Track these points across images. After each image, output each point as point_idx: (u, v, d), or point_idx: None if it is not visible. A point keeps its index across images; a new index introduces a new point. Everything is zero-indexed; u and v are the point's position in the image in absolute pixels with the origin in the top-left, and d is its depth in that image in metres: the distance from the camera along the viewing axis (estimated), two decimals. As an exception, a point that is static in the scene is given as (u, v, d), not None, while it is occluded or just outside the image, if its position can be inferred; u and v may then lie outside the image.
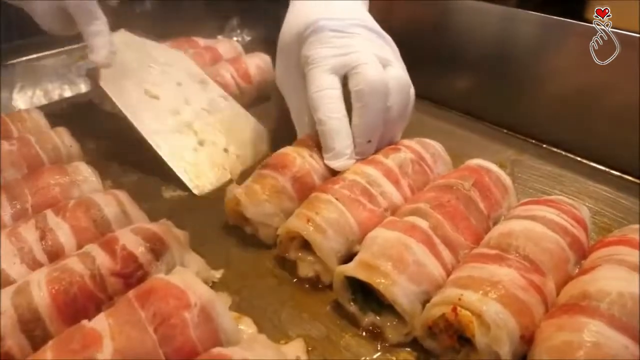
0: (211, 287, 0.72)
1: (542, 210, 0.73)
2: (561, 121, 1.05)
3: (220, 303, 0.61)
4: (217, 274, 0.76)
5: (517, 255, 0.66)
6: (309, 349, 0.66)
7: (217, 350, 0.55)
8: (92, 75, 1.17)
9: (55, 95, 1.29)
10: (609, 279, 0.61)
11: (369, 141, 0.85)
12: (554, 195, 0.84)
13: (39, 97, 1.28)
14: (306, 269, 0.74)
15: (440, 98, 1.20)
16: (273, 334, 0.67)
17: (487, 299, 0.60)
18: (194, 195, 0.93)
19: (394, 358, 0.65)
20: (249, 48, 1.36)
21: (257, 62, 1.17)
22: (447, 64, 1.19)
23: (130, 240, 0.68)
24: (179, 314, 0.57)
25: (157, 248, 0.69)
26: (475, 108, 1.16)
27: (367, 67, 0.82)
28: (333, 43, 0.85)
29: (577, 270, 0.69)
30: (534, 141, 1.08)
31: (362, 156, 0.84)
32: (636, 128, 0.93)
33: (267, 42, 1.43)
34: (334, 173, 0.84)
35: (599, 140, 1.00)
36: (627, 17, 0.93)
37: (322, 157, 0.85)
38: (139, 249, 0.67)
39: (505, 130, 1.12)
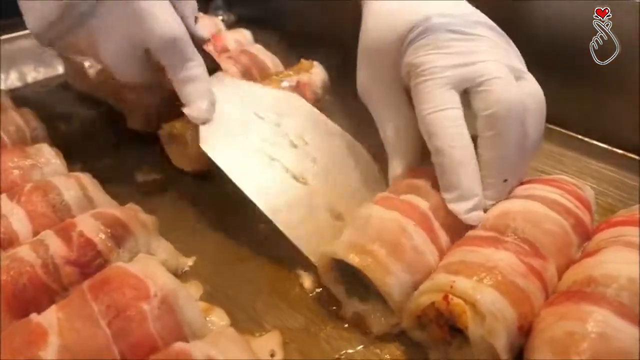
0: (181, 275, 0.68)
1: (543, 190, 0.67)
2: (562, 97, 0.98)
3: (185, 293, 0.55)
4: (189, 262, 0.70)
5: (516, 237, 0.59)
6: (286, 341, 0.60)
7: (177, 345, 0.49)
8: (66, 54, 1.11)
9: (30, 78, 1.22)
10: (617, 263, 0.55)
11: (505, 180, 0.65)
12: (556, 175, 0.78)
13: (13, 80, 1.21)
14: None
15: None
16: (247, 325, 0.62)
17: (482, 287, 0.54)
18: (169, 179, 0.87)
19: (378, 351, 0.59)
20: (235, 27, 1.29)
21: (236, 37, 1.10)
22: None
23: (88, 226, 0.62)
24: (136, 306, 0.51)
25: (119, 234, 0.63)
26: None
27: (499, 84, 0.63)
28: (452, 48, 0.65)
29: (580, 254, 0.63)
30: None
31: (494, 200, 0.65)
32: (640, 103, 0.88)
33: (254, 21, 1.39)
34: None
35: (602, 118, 0.94)
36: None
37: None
38: (99, 236, 0.61)
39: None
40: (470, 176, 0.63)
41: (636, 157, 0.90)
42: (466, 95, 0.65)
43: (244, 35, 1.14)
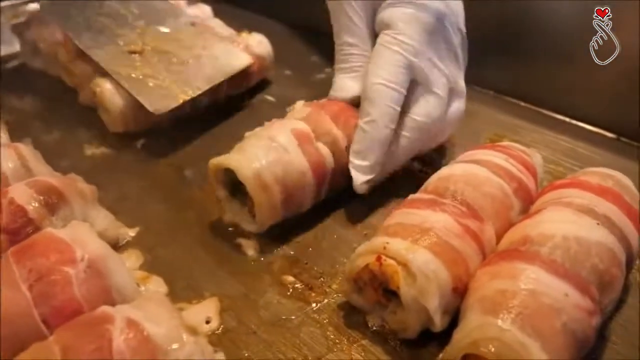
0: (123, 245, 0.67)
1: (488, 155, 0.66)
2: (517, 71, 0.98)
3: (116, 259, 0.54)
4: (131, 232, 0.68)
5: (454, 199, 0.59)
6: (223, 308, 0.59)
7: (100, 309, 0.48)
8: (20, 31, 1.09)
9: (-13, 56, 1.19)
10: (553, 222, 0.55)
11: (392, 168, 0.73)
12: (506, 142, 0.77)
13: (-30, 59, 1.19)
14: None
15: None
16: (185, 293, 0.61)
17: (416, 247, 0.53)
18: (118, 152, 0.85)
19: (316, 316, 0.58)
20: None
21: (195, 12, 1.08)
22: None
23: (21, 194, 0.60)
24: (60, 270, 0.50)
25: (53, 202, 0.61)
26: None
27: (435, 102, 0.71)
28: (434, 37, 0.71)
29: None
30: (492, 92, 1.01)
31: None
32: (596, 75, 0.87)
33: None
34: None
35: (556, 90, 0.94)
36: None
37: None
38: (31, 203, 0.59)
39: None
40: (381, 157, 0.68)
41: (588, 126, 0.90)
42: None
43: (203, 10, 1.12)
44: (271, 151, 0.65)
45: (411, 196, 0.62)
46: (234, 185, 0.67)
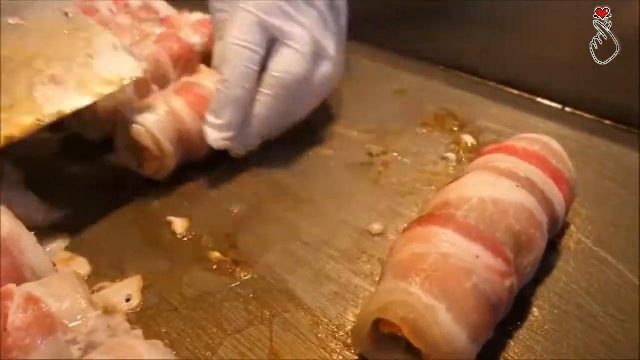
0: (50, 227, 0.65)
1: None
2: (462, 44, 0.98)
3: (29, 238, 0.53)
4: (59, 214, 0.67)
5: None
6: (146, 286, 0.58)
7: (5, 287, 0.47)
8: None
9: None
10: (472, 185, 0.55)
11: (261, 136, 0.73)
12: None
13: None
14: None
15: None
16: (109, 272, 0.60)
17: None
18: (51, 136, 0.83)
19: (241, 291, 0.57)
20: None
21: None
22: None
23: None
24: (-38, 250, 0.49)
25: (-33, 184, 0.60)
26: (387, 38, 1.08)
27: (293, 57, 0.69)
28: None
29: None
30: (441, 67, 1.00)
31: (245, 149, 0.72)
32: (542, 46, 0.88)
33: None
34: None
35: (502, 62, 0.94)
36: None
37: None
38: (-56, 185, 0.58)
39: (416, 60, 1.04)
40: (238, 116, 0.68)
41: (533, 97, 0.91)
42: None
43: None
44: None
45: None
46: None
